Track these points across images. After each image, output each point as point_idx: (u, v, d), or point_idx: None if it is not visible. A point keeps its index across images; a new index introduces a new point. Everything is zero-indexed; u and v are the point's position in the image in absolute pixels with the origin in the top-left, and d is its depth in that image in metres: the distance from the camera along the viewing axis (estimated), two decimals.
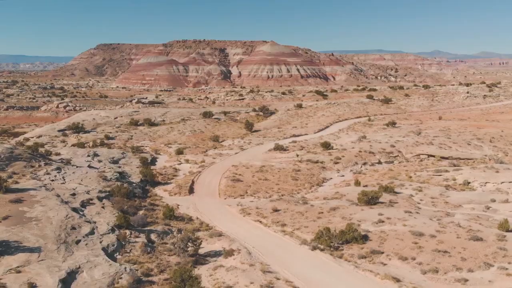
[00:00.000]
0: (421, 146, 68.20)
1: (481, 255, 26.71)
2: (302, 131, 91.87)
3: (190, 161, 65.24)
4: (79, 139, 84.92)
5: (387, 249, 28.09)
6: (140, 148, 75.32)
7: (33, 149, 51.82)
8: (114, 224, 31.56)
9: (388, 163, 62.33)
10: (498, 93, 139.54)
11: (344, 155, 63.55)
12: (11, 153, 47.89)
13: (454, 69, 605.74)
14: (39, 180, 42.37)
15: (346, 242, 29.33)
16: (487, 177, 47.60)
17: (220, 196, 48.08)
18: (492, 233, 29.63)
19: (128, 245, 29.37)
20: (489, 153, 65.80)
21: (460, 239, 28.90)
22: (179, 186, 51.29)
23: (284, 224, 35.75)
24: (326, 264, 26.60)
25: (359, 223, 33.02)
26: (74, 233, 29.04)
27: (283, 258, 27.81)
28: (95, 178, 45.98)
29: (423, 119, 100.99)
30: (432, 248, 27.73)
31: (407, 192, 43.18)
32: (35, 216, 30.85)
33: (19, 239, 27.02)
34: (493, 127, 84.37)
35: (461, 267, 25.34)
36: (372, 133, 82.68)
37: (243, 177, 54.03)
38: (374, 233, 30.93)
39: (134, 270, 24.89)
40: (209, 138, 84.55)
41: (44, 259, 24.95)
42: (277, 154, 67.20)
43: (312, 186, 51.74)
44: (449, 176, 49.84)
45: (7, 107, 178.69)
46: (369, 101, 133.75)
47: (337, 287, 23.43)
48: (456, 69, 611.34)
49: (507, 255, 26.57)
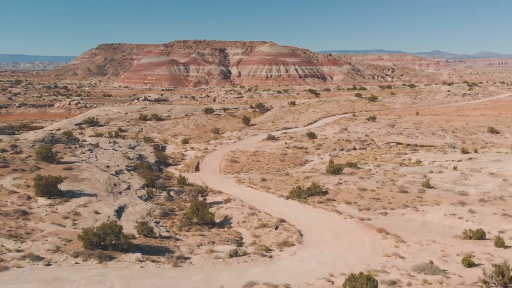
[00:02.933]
0: (391, 135, 79.90)
1: (403, 201, 38.40)
2: (293, 124, 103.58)
3: (195, 148, 76.91)
4: (96, 131, 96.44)
5: (338, 198, 39.78)
6: (150, 138, 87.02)
7: (68, 135, 63.41)
8: (143, 184, 43.24)
9: (361, 149, 73.93)
10: (477, 92, 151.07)
11: (325, 143, 75.28)
12: (52, 137, 59.56)
13: (452, 69, 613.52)
14: (78, 157, 53.99)
15: (311, 195, 40.94)
16: (435, 157, 59.30)
17: (221, 172, 59.68)
18: (416, 189, 41.38)
19: (155, 197, 41.03)
20: (449, 141, 77.40)
21: (391, 192, 40.62)
22: (187, 166, 62.99)
23: (269, 187, 47.40)
24: (294, 206, 38.30)
25: (323, 185, 44.68)
26: (116, 188, 40.73)
27: (265, 204, 39.48)
28: (120, 157, 57.67)
29: (402, 114, 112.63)
30: (370, 197, 39.46)
31: (367, 167, 54.84)
32: (86, 177, 42.53)
33: (80, 189, 38.69)
34: (460, 121, 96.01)
35: (386, 207, 36.99)
36: (354, 126, 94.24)
37: (239, 159, 65.68)
38: (332, 189, 42.65)
39: (162, 207, 36.56)
40: (211, 131, 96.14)
41: (101, 200, 36.62)
42: (269, 143, 78.82)
43: (295, 165, 63.37)
44: (406, 157, 61.56)
45: (19, 104, 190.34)
46: (357, 99, 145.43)
47: (298, 215, 35.03)
48: (454, 69, 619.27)
49: (421, 201, 38.23)
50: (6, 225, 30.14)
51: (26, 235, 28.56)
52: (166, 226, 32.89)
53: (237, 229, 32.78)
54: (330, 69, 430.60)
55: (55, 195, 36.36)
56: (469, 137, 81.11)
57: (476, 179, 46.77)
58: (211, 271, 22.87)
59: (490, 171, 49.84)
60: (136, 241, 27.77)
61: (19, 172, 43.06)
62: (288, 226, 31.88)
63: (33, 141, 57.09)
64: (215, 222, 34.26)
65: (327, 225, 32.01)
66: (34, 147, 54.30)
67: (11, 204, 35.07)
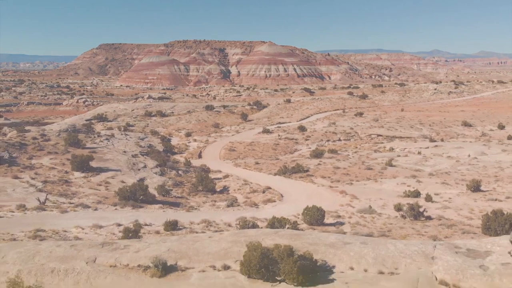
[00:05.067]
0: (374, 128, 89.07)
1: (367, 175, 47.54)
2: (287, 120, 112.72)
3: (197, 140, 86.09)
4: (105, 126, 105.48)
5: (316, 174, 48.93)
6: (156, 132, 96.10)
7: (87, 126, 72.53)
8: (156, 164, 52.38)
9: (346, 140, 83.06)
10: (462, 90, 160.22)
11: (313, 135, 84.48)
12: (74, 128, 68.69)
13: (450, 69, 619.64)
14: (98, 144, 63.07)
15: (294, 172, 50.02)
16: (406, 145, 68.49)
17: (220, 159, 68.76)
18: (379, 167, 50.56)
19: (166, 174, 50.12)
20: (425, 134, 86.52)
21: (359, 170, 49.80)
22: (190, 154, 72.09)
23: (261, 169, 56.51)
24: (280, 180, 47.48)
25: (306, 165, 53.78)
26: (135, 166, 49.88)
27: (256, 179, 48.58)
28: (134, 145, 66.81)
29: (388, 110, 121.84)
30: (341, 173, 48.63)
31: (346, 153, 63.99)
32: (110, 158, 51.68)
33: (106, 166, 47.84)
34: (439, 116, 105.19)
35: (353, 180, 46.13)
36: (342, 121, 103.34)
37: (237, 149, 74.80)
38: (312, 168, 51.82)
39: (173, 180, 45.70)
40: (211, 125, 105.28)
41: (124, 174, 45.76)
42: (264, 135, 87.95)
43: (286, 153, 72.47)
44: (382, 145, 70.69)
45: (28, 102, 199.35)
46: (349, 97, 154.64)
47: (282, 185, 44.17)
48: (452, 69, 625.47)
49: (382, 176, 47.36)
50: (55, 189, 39.29)
51: (72, 195, 37.74)
52: (178, 192, 42.03)
53: (233, 194, 41.94)
54: (328, 69, 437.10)
55: (87, 170, 45.46)
56: (444, 129, 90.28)
57: (435, 161, 55.91)
58: (214, 214, 32.00)
59: (449, 155, 58.99)
60: (157, 198, 36.91)
61: (53, 154, 52.20)
62: (273, 191, 41.06)
63: (58, 131, 66.21)
64: (216, 190, 43.37)
65: (303, 191, 41.16)
66: (60, 135, 63.38)
67: (53, 176, 44.18)
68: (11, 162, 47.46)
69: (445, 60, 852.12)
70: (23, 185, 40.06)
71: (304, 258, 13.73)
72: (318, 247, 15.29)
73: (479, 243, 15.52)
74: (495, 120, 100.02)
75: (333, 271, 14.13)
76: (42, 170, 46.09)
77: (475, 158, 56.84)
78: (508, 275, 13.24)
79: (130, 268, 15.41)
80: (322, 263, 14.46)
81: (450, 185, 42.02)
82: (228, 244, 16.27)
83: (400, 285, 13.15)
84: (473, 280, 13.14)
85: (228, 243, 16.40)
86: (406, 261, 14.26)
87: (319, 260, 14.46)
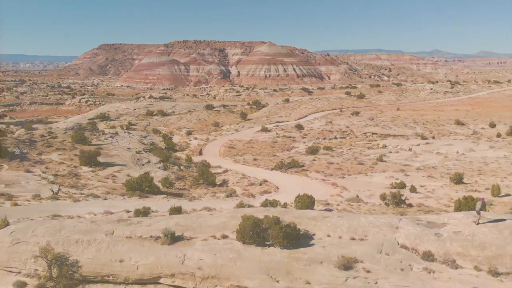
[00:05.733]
0: (369, 127, 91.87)
1: (358, 169, 50.35)
2: (285, 119, 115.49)
3: (198, 138, 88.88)
4: (108, 125, 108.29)
5: (311, 169, 51.74)
6: (158, 130, 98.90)
7: (92, 124, 75.33)
8: (159, 160, 55.18)
9: (342, 138, 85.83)
10: (458, 90, 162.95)
11: (310, 133, 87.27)
12: (80, 126, 71.49)
13: (449, 69, 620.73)
14: (103, 141, 65.85)
15: (290, 167, 52.82)
16: (399, 142, 71.28)
17: (220, 155, 71.55)
18: (371, 162, 53.37)
19: (169, 169, 52.93)
20: (418, 132, 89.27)
21: (352, 164, 52.62)
22: (191, 151, 74.87)
23: (259, 164, 59.30)
24: (276, 174, 50.28)
25: (302, 161, 56.59)
26: (139, 161, 52.70)
27: (254, 173, 51.37)
28: (137, 142, 69.61)
29: (385, 110, 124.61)
30: (334, 167, 51.43)
31: (340, 150, 66.78)
32: (115, 154, 54.49)
33: (112, 161, 50.65)
34: (433, 115, 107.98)
35: (345, 173, 48.94)
36: (339, 120, 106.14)
37: (236, 146, 77.60)
38: (307, 164, 54.64)
39: (176, 174, 48.51)
40: (211, 124, 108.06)
41: (130, 168, 48.57)
42: (262, 134, 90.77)
43: (283, 150, 75.25)
44: (375, 143, 73.49)
45: (30, 102, 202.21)
46: (346, 96, 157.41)
47: (278, 179, 46.97)
48: (451, 69, 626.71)
49: (372, 170, 50.16)
50: (66, 182, 42.09)
51: (82, 187, 40.55)
52: (180, 185, 44.83)
53: (232, 187, 44.73)
54: (328, 69, 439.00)
55: (95, 164, 48.26)
56: (437, 128, 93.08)
57: (424, 157, 58.72)
58: (214, 203, 34.79)
59: (438, 152, 61.79)
60: (161, 190, 39.72)
61: (61, 150, 55.01)
62: (269, 184, 43.89)
63: (64, 128, 69.04)
64: (216, 183, 46.14)
65: (297, 183, 43.93)
66: (67, 133, 66.21)
67: (63, 170, 46.99)
68: (22, 158, 50.29)
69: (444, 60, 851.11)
70: (35, 178, 42.90)
71: (289, 227, 16.51)
72: (302, 220, 18.09)
73: (438, 217, 18.31)
74: (487, 119, 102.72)
75: (313, 237, 16.93)
76: (52, 164, 48.89)
77: (463, 154, 59.63)
78: (457, 240, 16.02)
79: (144, 238, 18.23)
80: (304, 232, 17.25)
81: (435, 178, 44.82)
82: (226, 219, 19.08)
83: (367, 249, 15.92)
84: (428, 244, 15.92)
85: (227, 218, 19.21)
86: (375, 230, 17.05)
87: (302, 230, 17.26)
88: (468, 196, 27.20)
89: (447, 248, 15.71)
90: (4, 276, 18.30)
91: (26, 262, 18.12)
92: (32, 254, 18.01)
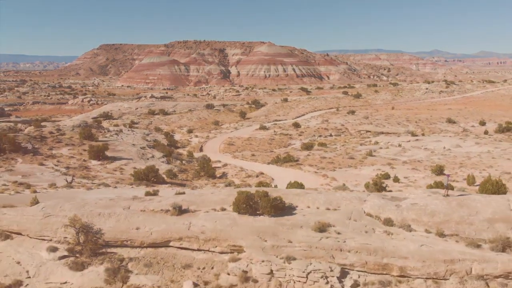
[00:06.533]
0: (363, 125, 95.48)
1: (349, 163, 53.91)
2: (283, 117, 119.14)
3: (198, 136, 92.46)
4: (111, 124, 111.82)
5: (305, 163, 55.31)
6: (160, 129, 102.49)
7: (98, 122, 78.90)
8: (163, 155, 58.75)
9: (337, 135, 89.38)
10: (453, 90, 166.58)
11: (306, 131, 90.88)
12: (86, 123, 75.06)
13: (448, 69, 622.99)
14: (108, 138, 69.38)
15: (285, 162, 56.38)
16: (390, 139, 74.82)
17: (220, 152, 75.11)
18: (360, 156, 56.94)
19: (172, 163, 56.50)
20: (410, 129, 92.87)
21: (343, 159, 56.19)
22: (192, 148, 78.44)
23: (257, 159, 62.89)
24: (272, 167, 53.88)
25: (297, 156, 60.15)
26: (144, 156, 56.28)
27: (252, 167, 54.96)
28: (141, 139, 73.16)
29: (380, 109, 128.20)
30: (327, 162, 54.99)
31: (334, 146, 70.35)
32: (121, 149, 58.07)
33: (119, 156, 54.23)
34: (426, 114, 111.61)
35: (336, 167, 52.49)
36: (335, 118, 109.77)
37: (235, 143, 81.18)
38: (302, 158, 58.22)
39: (179, 167, 52.07)
40: (211, 123, 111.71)
41: (136, 162, 52.14)
42: (260, 131, 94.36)
43: (280, 147, 78.82)
44: (368, 140, 77.05)
45: (33, 102, 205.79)
46: (343, 96, 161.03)
47: (274, 171, 50.56)
48: (450, 69, 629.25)
49: (362, 163, 53.73)
50: (77, 173, 45.65)
51: (93, 177, 44.12)
52: (183, 177, 48.40)
53: (231, 178, 48.25)
54: (327, 69, 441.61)
55: (103, 158, 51.82)
56: (429, 126, 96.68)
57: (412, 152, 62.28)
58: (214, 190, 38.33)
59: (426, 147, 65.35)
60: (166, 180, 43.29)
61: (70, 146, 58.61)
62: (265, 175, 47.47)
63: (71, 126, 72.59)
64: (216, 176, 49.70)
65: (292, 175, 47.38)
66: (74, 130, 69.76)
67: (73, 163, 50.55)
68: (34, 152, 53.87)
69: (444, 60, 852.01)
70: (49, 170, 46.46)
71: (276, 199, 20.05)
72: (288, 195, 21.63)
73: (401, 193, 21.89)
74: (478, 117, 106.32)
75: (296, 208, 20.49)
76: (63, 158, 52.45)
77: (449, 149, 63.19)
78: (413, 210, 19.58)
79: (155, 211, 21.81)
80: (289, 204, 20.80)
81: (419, 170, 48.38)
82: (225, 196, 22.66)
83: (339, 216, 19.46)
84: (389, 213, 19.47)
85: (225, 195, 22.79)
86: (346, 202, 20.59)
87: (287, 203, 20.80)
88: (438, 182, 30.69)
89: (404, 215, 19.24)
90: (38, 243, 21.87)
91: (57, 231, 21.66)
92: (62, 224, 21.56)
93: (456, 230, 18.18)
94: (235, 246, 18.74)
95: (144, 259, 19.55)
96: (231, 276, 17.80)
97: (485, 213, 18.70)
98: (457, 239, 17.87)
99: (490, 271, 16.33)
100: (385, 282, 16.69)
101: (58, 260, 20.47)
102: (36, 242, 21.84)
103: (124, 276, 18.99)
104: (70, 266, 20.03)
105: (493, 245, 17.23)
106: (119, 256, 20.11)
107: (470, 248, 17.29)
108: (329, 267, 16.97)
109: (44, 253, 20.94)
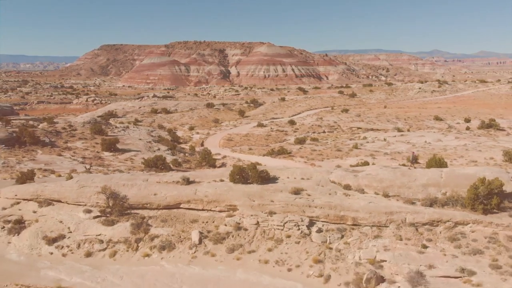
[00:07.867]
0: (355, 122, 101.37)
1: (336, 155, 59.79)
2: (280, 116, 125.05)
3: (199, 133, 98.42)
4: (116, 122, 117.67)
5: (297, 155, 61.20)
6: (163, 126, 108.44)
7: (106, 119, 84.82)
8: (168, 148, 64.66)
9: (329, 132, 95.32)
10: (445, 89, 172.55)
11: (301, 128, 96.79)
12: (95, 119, 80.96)
13: (447, 69, 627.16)
14: (117, 133, 75.25)
15: (279, 154, 62.26)
16: (377, 134, 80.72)
17: (220, 146, 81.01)
18: (348, 148, 62.86)
19: (176, 155, 62.38)
20: (399, 126, 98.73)
21: (331, 151, 62.08)
22: (194, 143, 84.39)
23: (253, 153, 68.79)
24: (267, 159, 59.76)
25: (290, 149, 66.05)
26: (151, 148, 62.16)
27: (249, 158, 60.81)
28: (146, 135, 79.05)
29: (373, 107, 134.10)
30: (316, 154, 60.89)
31: (326, 141, 76.22)
32: (130, 142, 63.97)
33: (129, 148, 60.11)
34: (416, 112, 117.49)
35: (324, 158, 58.37)
36: (329, 116, 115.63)
37: (234, 139, 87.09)
38: (294, 151, 64.12)
39: (182, 158, 57.96)
40: (212, 121, 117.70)
41: (144, 154, 58.02)
42: (258, 128, 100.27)
43: (276, 142, 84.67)
44: (357, 135, 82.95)
45: (38, 101, 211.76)
46: (339, 95, 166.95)
47: (268, 162, 56.38)
48: (449, 69, 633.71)
49: (348, 155, 59.61)
50: (93, 162, 51.54)
51: (107, 166, 50.01)
52: (186, 167, 54.28)
53: (230, 167, 54.14)
54: (326, 69, 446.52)
55: (114, 150, 57.70)
56: (417, 123, 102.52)
57: (395, 145, 68.15)
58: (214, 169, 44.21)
59: (409, 141, 71.22)
60: (172, 168, 49.15)
61: (83, 140, 64.53)
62: (260, 165, 53.28)
63: (82, 122, 78.49)
64: (216, 165, 55.58)
65: (283, 164, 53.34)
66: (85, 126, 75.67)
67: (88, 154, 56.45)
68: (52, 145, 59.80)
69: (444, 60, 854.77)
70: (67, 160, 52.38)
71: (263, 172, 25.93)
72: (272, 170, 27.55)
73: (362, 168, 27.76)
74: (465, 115, 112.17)
75: (278, 179, 26.39)
76: (78, 150, 58.37)
77: (429, 143, 69.05)
78: (366, 178, 25.47)
79: (169, 183, 27.71)
80: (273, 176, 26.70)
81: (397, 160, 54.23)
82: (223, 171, 28.59)
83: (310, 183, 25.34)
84: (348, 180, 25.35)
85: (223, 171, 28.71)
86: (316, 174, 26.49)
87: (272, 175, 26.69)
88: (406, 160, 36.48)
89: (359, 182, 25.10)
90: (75, 207, 27.75)
91: (90, 198, 27.55)
92: (94, 192, 27.46)
93: (398, 192, 24.05)
94: (231, 206, 24.62)
95: (161, 217, 25.46)
96: (228, 226, 23.69)
97: (421, 180, 24.52)
98: (398, 198, 23.74)
99: (419, 219, 22.18)
100: (342, 229, 22.56)
101: (93, 219, 26.36)
102: (74, 207, 27.72)
103: (145, 229, 24.90)
104: (103, 223, 25.92)
105: (424, 202, 23.09)
106: (141, 215, 26.01)
107: (407, 204, 23.15)
108: (300, 219, 22.84)
109: (81, 214, 26.81)
